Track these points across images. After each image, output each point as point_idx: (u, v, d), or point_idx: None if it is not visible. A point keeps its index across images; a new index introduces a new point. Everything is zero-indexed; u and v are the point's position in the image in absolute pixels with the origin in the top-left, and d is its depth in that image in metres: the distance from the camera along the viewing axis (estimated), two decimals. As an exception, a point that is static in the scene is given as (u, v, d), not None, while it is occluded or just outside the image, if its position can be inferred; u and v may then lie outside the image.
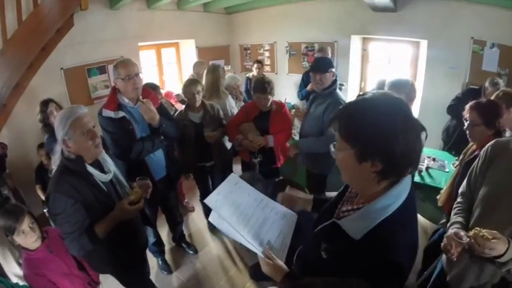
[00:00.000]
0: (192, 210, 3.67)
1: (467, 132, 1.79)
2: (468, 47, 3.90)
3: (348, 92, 4.99)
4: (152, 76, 5.08)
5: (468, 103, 1.79)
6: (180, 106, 3.56)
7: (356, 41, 4.98)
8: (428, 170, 2.78)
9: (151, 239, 2.50)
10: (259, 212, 1.20)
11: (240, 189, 1.29)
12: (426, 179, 2.67)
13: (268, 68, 5.94)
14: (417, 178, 2.67)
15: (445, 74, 4.10)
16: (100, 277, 1.93)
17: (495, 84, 2.90)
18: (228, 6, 5.67)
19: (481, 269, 1.29)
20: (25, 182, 3.03)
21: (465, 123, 1.79)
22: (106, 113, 1.97)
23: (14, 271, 2.21)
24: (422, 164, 2.84)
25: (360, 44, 5.11)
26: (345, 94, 4.40)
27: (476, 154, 1.74)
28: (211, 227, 3.27)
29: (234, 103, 3.38)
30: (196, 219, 3.53)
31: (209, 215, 1.14)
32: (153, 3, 4.43)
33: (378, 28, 4.53)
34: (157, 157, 2.27)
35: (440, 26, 4.00)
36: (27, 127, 3.26)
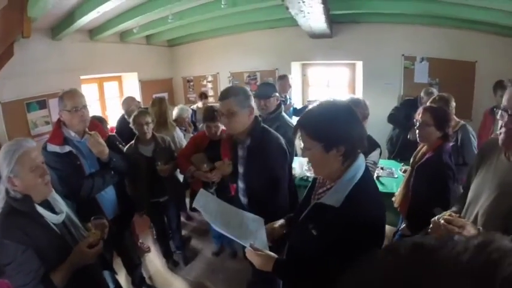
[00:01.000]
0: (148, 250, 3.38)
1: (417, 132, 1.95)
2: (400, 63, 4.51)
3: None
4: (95, 111, 4.74)
5: (405, 112, 1.99)
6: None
7: (296, 67, 5.37)
8: (379, 179, 3.00)
9: (111, 286, 2.22)
10: (234, 218, 1.40)
11: (212, 201, 1.52)
12: (379, 187, 2.86)
13: (212, 99, 5.83)
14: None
15: (382, 90, 4.59)
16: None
17: (430, 93, 3.17)
18: (171, 38, 5.72)
19: None
20: None
21: (416, 123, 1.95)
22: (51, 148, 1.80)
23: None
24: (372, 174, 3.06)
25: (300, 70, 5.52)
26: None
27: (428, 156, 1.92)
28: (171, 266, 3.04)
29: (183, 135, 3.36)
30: (154, 259, 3.24)
31: (167, 254, 1.26)
32: (96, 34, 4.29)
33: (316, 54, 4.95)
34: (108, 194, 2.11)
35: (373, 47, 4.56)
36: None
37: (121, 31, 4.71)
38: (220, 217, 1.38)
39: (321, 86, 5.51)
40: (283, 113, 2.60)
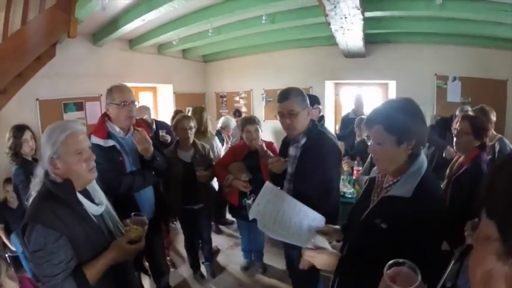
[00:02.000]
0: (171, 267, 3.18)
1: (454, 140, 1.90)
2: (433, 83, 4.44)
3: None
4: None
5: (440, 131, 1.92)
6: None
7: (330, 86, 5.32)
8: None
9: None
10: (295, 216, 1.33)
11: (276, 196, 1.41)
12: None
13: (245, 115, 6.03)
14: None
15: (415, 110, 4.51)
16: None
17: (465, 112, 3.12)
18: (206, 54, 5.88)
19: None
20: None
21: (454, 132, 1.92)
22: (95, 140, 1.74)
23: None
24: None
25: (333, 89, 5.46)
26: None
27: (466, 167, 1.84)
28: (198, 277, 2.88)
29: (221, 145, 3.35)
30: (180, 268, 3.09)
31: (195, 264, 1.13)
32: (135, 44, 4.45)
33: (349, 73, 4.94)
34: (147, 194, 2.03)
35: (406, 67, 4.52)
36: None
37: (160, 43, 4.87)
38: (279, 217, 1.29)
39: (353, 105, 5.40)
40: (325, 125, 2.52)
